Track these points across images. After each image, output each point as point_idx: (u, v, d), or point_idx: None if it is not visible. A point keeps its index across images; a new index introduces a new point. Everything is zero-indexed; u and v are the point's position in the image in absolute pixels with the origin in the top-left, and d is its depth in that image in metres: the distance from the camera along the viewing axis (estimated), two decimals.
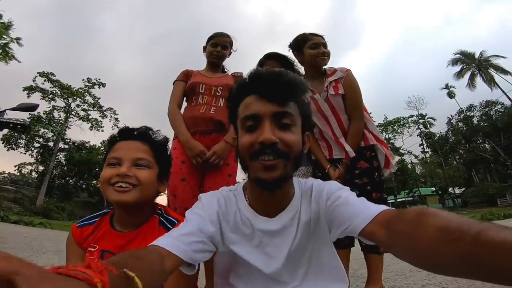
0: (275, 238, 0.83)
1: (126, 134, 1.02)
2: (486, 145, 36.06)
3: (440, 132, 39.94)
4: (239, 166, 1.97)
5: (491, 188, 29.45)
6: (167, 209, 1.08)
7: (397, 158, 2.18)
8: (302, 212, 0.83)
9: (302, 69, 2.02)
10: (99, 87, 28.01)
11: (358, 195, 0.79)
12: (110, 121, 29.08)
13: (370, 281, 1.67)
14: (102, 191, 0.96)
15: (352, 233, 0.70)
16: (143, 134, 1.02)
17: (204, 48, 2.08)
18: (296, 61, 2.01)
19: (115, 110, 29.36)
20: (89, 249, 0.99)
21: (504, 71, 30.45)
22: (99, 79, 27.95)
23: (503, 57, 30.99)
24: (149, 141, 1.01)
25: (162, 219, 1.01)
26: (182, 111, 1.95)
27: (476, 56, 32.03)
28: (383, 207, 0.67)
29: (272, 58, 1.99)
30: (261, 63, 2.01)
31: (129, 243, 0.96)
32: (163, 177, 1.05)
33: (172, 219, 1.01)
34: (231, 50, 2.09)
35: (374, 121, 2.04)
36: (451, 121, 39.25)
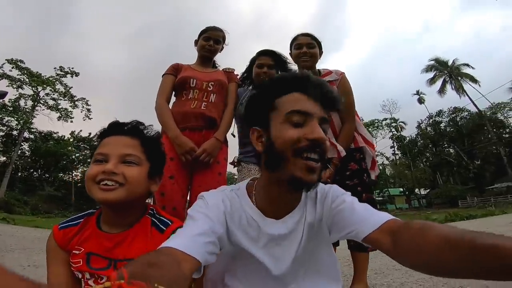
0: (283, 241, 0.82)
1: (115, 128, 0.95)
2: (451, 149, 38.46)
3: (410, 136, 42.10)
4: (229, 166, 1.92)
5: (453, 190, 31.52)
6: (159, 210, 1.01)
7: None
8: (308, 215, 0.84)
9: (296, 66, 2.00)
10: (72, 76, 26.95)
11: None
12: (81, 112, 28.27)
13: (356, 279, 1.71)
14: (87, 189, 0.88)
15: (356, 238, 0.72)
16: (133, 129, 0.95)
17: (196, 41, 2.01)
18: (289, 59, 2.00)
19: (87, 101, 28.42)
20: (73, 251, 0.92)
21: (473, 80, 32.61)
22: (72, 68, 26.91)
23: (472, 67, 33.26)
24: (140, 136, 0.94)
25: (155, 219, 0.95)
26: (170, 106, 1.87)
27: (449, 63, 34.02)
28: (387, 216, 0.70)
29: (265, 54, 1.97)
30: (253, 60, 1.99)
31: (118, 245, 0.90)
32: (155, 175, 0.97)
33: (165, 220, 0.95)
34: (223, 45, 2.04)
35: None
36: (421, 125, 41.49)
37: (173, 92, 1.91)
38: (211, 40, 1.94)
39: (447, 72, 33.69)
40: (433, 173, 37.65)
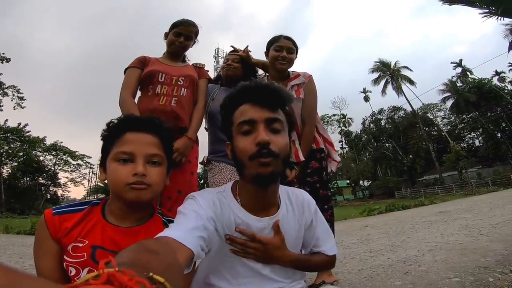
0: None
1: (135, 124, 0.91)
2: (389, 144, 42.61)
3: (356, 131, 45.63)
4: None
5: (391, 182, 35.04)
6: (163, 210, 1.04)
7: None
8: (289, 214, 0.95)
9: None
10: (1, 62, 23.68)
11: (309, 192, 1.07)
12: (12, 100, 25.95)
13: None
14: (113, 190, 0.87)
15: (309, 248, 1.00)
16: (154, 125, 0.93)
17: (166, 34, 1.87)
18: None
19: (19, 89, 25.56)
20: (75, 244, 0.83)
21: (410, 81, 36.41)
22: (3, 54, 23.68)
23: (410, 69, 37.20)
24: (160, 133, 0.93)
25: (165, 219, 0.97)
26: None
27: (392, 65, 37.32)
28: (335, 251, 1.02)
29: (233, 52, 2.04)
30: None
31: (130, 239, 0.85)
32: (168, 171, 0.99)
33: (172, 219, 0.94)
34: (195, 40, 1.93)
35: None
36: (365, 122, 45.18)
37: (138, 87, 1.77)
38: (182, 36, 1.82)
39: (389, 73, 37.02)
40: (374, 166, 41.32)
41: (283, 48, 1.87)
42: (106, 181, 0.92)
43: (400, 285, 1.86)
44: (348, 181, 40.87)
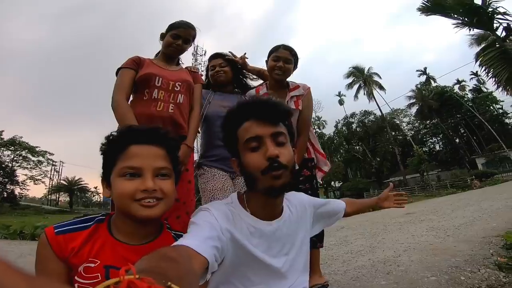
0: (277, 239, 0.96)
1: (139, 136, 0.87)
2: (360, 147, 44.56)
3: (329, 134, 47.14)
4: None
5: (360, 183, 36.62)
6: (171, 224, 1.02)
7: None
8: (293, 215, 1.03)
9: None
10: None
11: None
12: None
13: (313, 270, 1.93)
14: (122, 207, 0.82)
15: (340, 217, 1.27)
16: (161, 137, 0.90)
17: (162, 35, 1.81)
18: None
19: None
20: (86, 264, 0.78)
21: (381, 87, 38.39)
22: None
23: (379, 76, 39.11)
24: (166, 144, 0.90)
25: (173, 234, 0.95)
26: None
27: (365, 71, 39.04)
28: (340, 201, 1.31)
29: (214, 57, 2.08)
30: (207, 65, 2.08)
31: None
32: (176, 183, 0.96)
33: (180, 233, 0.94)
34: (192, 44, 1.88)
35: None
36: (338, 125, 46.88)
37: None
38: (180, 39, 1.76)
39: (363, 79, 38.70)
40: (345, 167, 42.97)
41: (280, 58, 1.88)
42: (111, 198, 0.89)
43: (385, 285, 2.03)
44: (320, 182, 42.04)
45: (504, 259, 2.39)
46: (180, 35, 1.76)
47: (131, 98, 1.70)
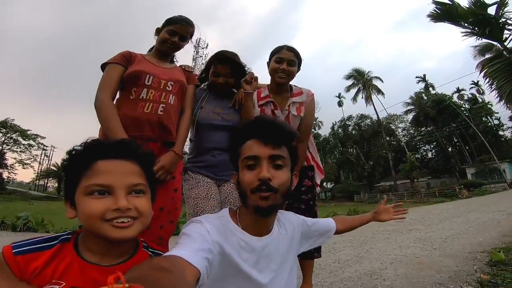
0: (267, 254, 0.97)
1: (107, 151, 0.78)
2: (354, 150, 44.89)
3: (325, 135, 47.40)
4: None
5: (352, 186, 36.95)
6: (147, 241, 0.93)
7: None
8: (281, 232, 1.05)
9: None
10: None
11: (304, 209, 1.32)
12: None
13: (305, 280, 1.94)
14: (91, 228, 0.74)
15: (331, 236, 1.27)
16: (133, 151, 0.81)
17: (158, 30, 1.69)
18: (247, 65, 1.86)
19: None
20: (50, 286, 0.72)
21: (380, 92, 38.52)
22: None
23: (381, 80, 39.37)
24: (139, 159, 0.82)
25: (150, 252, 0.87)
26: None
27: (365, 75, 39.13)
28: (331, 220, 1.32)
29: (223, 62, 1.77)
30: (211, 62, 1.82)
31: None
32: (152, 200, 0.88)
33: (158, 252, 0.88)
34: (189, 41, 1.76)
35: None
36: (334, 126, 47.10)
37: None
38: (177, 36, 1.65)
39: (362, 82, 38.84)
40: (338, 169, 43.28)
41: (283, 60, 1.77)
42: (76, 219, 0.79)
43: None
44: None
45: (487, 276, 2.43)
46: (176, 32, 1.65)
47: (117, 97, 1.57)
